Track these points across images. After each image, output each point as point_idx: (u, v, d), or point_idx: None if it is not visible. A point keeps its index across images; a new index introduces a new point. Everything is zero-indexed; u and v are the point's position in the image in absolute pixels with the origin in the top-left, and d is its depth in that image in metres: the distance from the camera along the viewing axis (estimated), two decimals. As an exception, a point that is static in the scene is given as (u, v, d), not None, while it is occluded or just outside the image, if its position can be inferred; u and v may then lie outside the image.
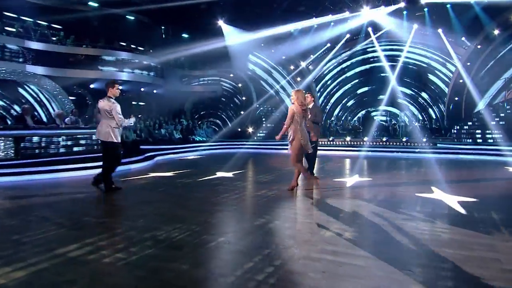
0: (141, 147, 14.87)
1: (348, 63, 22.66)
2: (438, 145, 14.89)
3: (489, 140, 15.20)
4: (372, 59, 21.99)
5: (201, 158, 14.45)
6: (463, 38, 18.38)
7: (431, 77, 21.09)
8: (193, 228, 4.27)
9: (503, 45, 16.80)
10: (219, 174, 9.22)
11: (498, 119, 15.90)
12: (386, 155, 14.26)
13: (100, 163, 6.99)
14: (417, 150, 14.55)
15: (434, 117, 20.92)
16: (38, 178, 8.40)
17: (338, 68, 22.94)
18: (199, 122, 21.10)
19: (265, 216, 4.85)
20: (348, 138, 16.88)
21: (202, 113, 23.57)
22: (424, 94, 22.01)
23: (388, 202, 5.71)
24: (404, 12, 18.82)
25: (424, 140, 15.17)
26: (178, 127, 18.90)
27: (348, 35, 20.69)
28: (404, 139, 15.68)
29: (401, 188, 7.07)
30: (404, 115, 19.82)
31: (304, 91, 6.82)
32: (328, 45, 21.49)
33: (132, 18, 20.25)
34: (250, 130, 20.89)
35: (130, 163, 11.19)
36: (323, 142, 16.60)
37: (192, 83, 22.84)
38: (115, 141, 6.68)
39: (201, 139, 19.30)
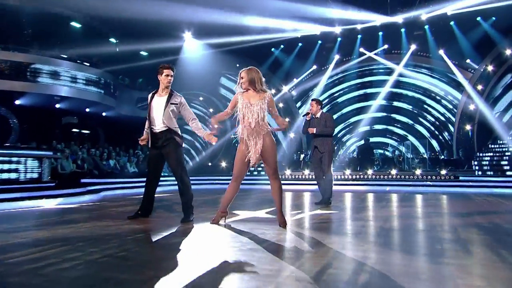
0: (84, 180, 11.44)
1: (339, 87, 20.67)
2: (460, 178, 12.65)
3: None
4: (368, 84, 20.17)
5: (166, 196, 11.04)
6: (468, 60, 17.04)
7: (432, 103, 19.55)
8: None
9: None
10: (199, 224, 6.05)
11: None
12: (400, 189, 11.73)
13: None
14: (437, 184, 12.25)
15: (437, 147, 19.08)
16: None
17: (327, 94, 20.84)
18: (160, 155, 17.72)
19: None
20: (347, 172, 14.36)
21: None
22: (424, 122, 20.34)
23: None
24: (402, 30, 17.42)
25: (443, 172, 12.90)
26: (134, 159, 15.49)
27: (337, 56, 18.85)
28: (418, 172, 13.33)
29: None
30: (403, 147, 17.77)
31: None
32: (314, 67, 19.48)
33: (78, 25, 17.19)
34: (224, 164, 17.82)
35: (60, 196, 7.74)
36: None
37: (152, 107, 19.70)
38: None
39: (162, 174, 15.92)
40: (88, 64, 15.68)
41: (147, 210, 5.00)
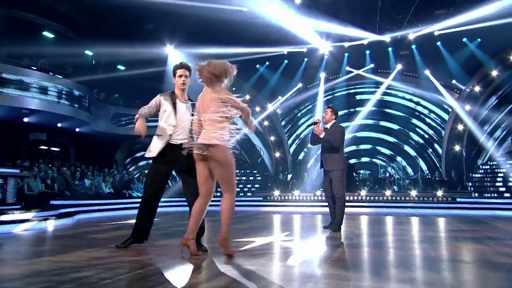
0: (54, 202, 10.37)
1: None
2: (457, 199, 12.33)
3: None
4: (356, 102, 19.93)
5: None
6: (453, 81, 17.15)
7: (419, 123, 19.50)
8: None
9: (504, 87, 15.65)
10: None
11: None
12: (398, 211, 11.23)
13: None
14: (436, 206, 11.88)
15: (425, 168, 18.90)
16: None
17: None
18: (137, 174, 16.67)
19: None
20: (318, 193, 13.84)
21: (140, 163, 19.16)
22: (412, 143, 20.21)
23: None
24: (390, 49, 17.41)
25: (440, 194, 12.56)
26: (109, 179, 14.39)
27: (324, 74, 18.60)
28: (413, 193, 12.93)
29: None
30: (391, 167, 17.49)
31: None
32: (300, 85, 19.14)
33: (51, 35, 16.21)
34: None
35: (29, 221, 6.71)
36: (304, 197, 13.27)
37: (129, 124, 18.68)
38: None
39: (140, 195, 14.88)
40: (60, 76, 14.62)
41: (142, 236, 4.17)
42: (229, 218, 3.58)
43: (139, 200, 12.10)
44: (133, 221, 4.28)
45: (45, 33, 15.91)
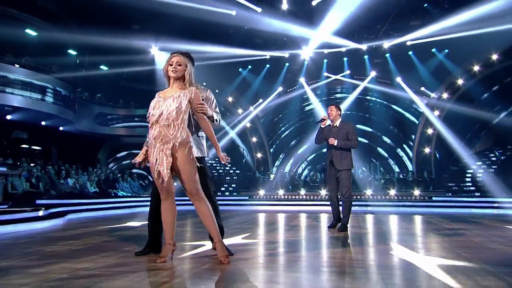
0: (39, 201, 9.61)
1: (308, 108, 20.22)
2: (433, 198, 12.46)
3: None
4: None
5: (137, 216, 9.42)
6: (422, 88, 17.48)
7: (391, 127, 19.73)
8: None
9: (470, 94, 16.06)
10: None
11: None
12: (377, 210, 11.17)
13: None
14: (417, 204, 11.96)
15: (397, 169, 19.13)
16: None
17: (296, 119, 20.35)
18: (120, 174, 15.85)
19: None
20: (302, 192, 13.76)
21: (124, 162, 18.33)
22: (385, 144, 20.45)
23: None
24: (366, 57, 17.52)
25: (417, 193, 12.66)
26: (94, 178, 13.60)
27: (303, 79, 18.48)
28: (392, 192, 12.98)
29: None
30: (367, 168, 17.56)
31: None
32: (280, 88, 18.93)
33: (34, 33, 15.19)
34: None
35: (23, 221, 6.07)
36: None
37: (112, 123, 17.84)
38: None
39: (125, 194, 14.15)
40: (45, 75, 13.69)
41: (158, 244, 3.68)
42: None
43: (125, 199, 11.34)
44: (126, 224, 3.83)
45: (28, 31, 14.90)
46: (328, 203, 6.00)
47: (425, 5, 14.07)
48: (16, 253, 3.70)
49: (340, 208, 5.71)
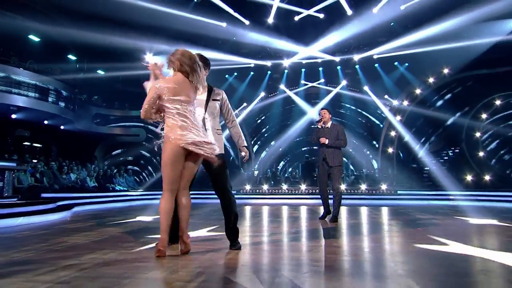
0: (44, 195, 9.25)
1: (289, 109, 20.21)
2: (398, 192, 12.80)
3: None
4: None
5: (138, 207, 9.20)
6: (386, 96, 17.92)
7: (360, 130, 20.09)
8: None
9: (426, 102, 16.62)
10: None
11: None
12: (350, 203, 11.39)
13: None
14: (386, 197, 12.25)
15: (365, 166, 19.51)
16: None
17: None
18: (116, 170, 15.42)
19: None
20: (285, 187, 13.84)
21: (120, 159, 17.83)
22: (354, 144, 20.82)
23: None
24: (338, 67, 17.78)
25: (384, 187, 12.98)
26: (93, 173, 13.19)
27: (283, 85, 18.55)
28: (363, 187, 13.25)
29: None
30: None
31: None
32: (263, 94, 18.93)
33: (37, 39, 14.56)
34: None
35: (34, 214, 5.82)
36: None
37: (109, 124, 17.34)
38: None
39: (122, 189, 13.81)
40: (48, 77, 13.15)
41: (176, 234, 3.57)
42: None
43: (123, 193, 11.00)
44: (137, 218, 3.73)
45: (31, 37, 14.25)
46: (308, 196, 6.12)
47: (392, 23, 14.36)
48: (39, 245, 3.55)
49: (330, 201, 5.80)
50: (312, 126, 6.11)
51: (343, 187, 13.17)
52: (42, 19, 13.84)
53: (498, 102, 15.34)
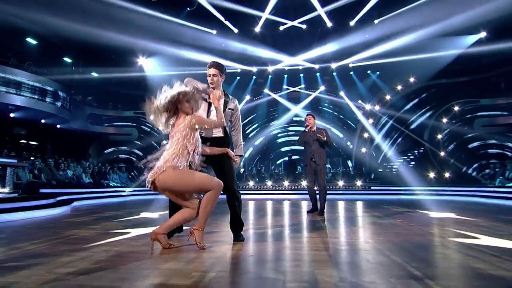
0: (42, 190, 8.83)
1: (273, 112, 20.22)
2: (371, 188, 13.08)
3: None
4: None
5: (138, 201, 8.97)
6: (359, 101, 18.24)
7: (336, 131, 20.33)
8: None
9: (395, 106, 17.05)
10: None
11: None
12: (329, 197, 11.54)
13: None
14: (362, 192, 12.45)
15: (341, 164, 19.77)
16: None
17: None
18: (110, 167, 14.98)
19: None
20: (269, 183, 13.87)
21: (113, 157, 17.33)
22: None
23: None
24: (317, 74, 17.97)
25: (359, 184, 13.21)
26: (89, 170, 12.75)
27: (267, 89, 18.57)
28: (340, 183, 13.44)
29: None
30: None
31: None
32: (248, 97, 18.87)
33: (34, 42, 13.91)
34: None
35: (36, 208, 5.56)
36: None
37: (103, 123, 16.83)
38: None
39: (116, 185, 13.42)
40: (45, 78, 12.60)
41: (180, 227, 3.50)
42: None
43: (117, 189, 10.74)
44: (140, 215, 3.64)
45: (28, 39, 13.60)
46: (290, 192, 6.15)
47: (366, 36, 14.64)
48: (49, 238, 3.38)
49: (317, 196, 5.84)
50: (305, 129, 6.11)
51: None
52: (40, 21, 13.30)
53: (456, 108, 15.95)
